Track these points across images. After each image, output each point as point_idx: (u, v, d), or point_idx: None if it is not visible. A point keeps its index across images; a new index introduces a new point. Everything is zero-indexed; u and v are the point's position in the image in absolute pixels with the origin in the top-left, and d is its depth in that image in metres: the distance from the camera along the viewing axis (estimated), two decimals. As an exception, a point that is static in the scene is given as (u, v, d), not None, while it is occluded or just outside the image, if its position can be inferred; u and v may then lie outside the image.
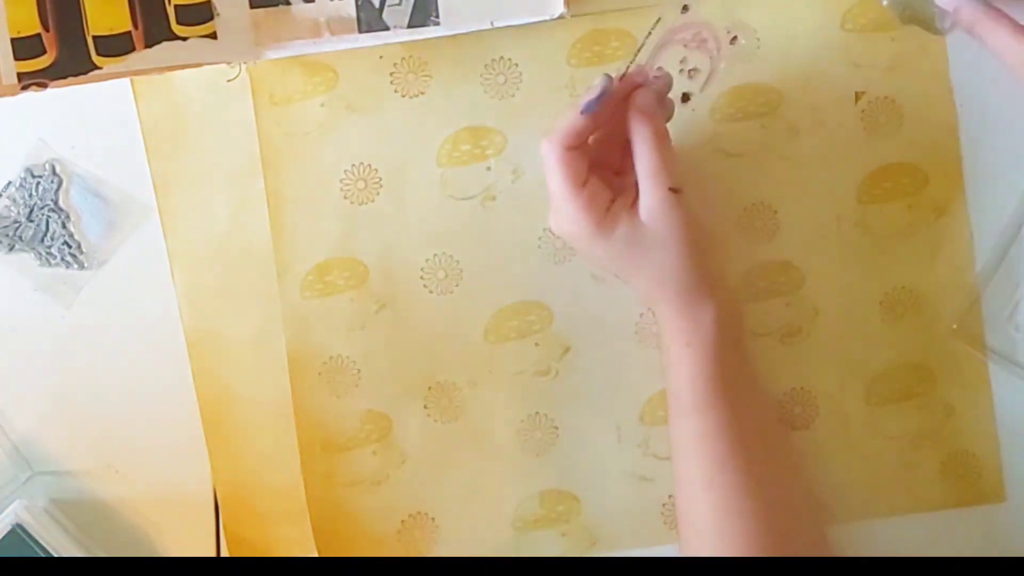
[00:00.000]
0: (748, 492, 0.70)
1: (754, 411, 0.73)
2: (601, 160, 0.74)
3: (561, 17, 0.78)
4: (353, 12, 0.78)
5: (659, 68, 0.77)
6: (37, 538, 0.78)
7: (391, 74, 0.81)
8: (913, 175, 0.80)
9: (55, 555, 0.78)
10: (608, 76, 0.71)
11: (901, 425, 0.81)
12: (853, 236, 0.81)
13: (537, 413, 0.82)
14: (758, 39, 0.80)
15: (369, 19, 0.78)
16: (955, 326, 0.80)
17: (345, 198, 0.81)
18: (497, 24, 0.78)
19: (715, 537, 0.70)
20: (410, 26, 0.78)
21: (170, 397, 0.81)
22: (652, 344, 0.81)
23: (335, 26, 0.78)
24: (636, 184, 0.72)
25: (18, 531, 0.78)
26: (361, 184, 0.81)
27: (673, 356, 0.72)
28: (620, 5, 0.80)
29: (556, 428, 0.82)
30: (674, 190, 0.70)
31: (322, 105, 0.81)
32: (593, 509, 0.82)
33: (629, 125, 0.72)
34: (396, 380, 0.81)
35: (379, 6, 0.78)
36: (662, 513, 0.82)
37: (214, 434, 0.82)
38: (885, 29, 0.80)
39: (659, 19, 0.75)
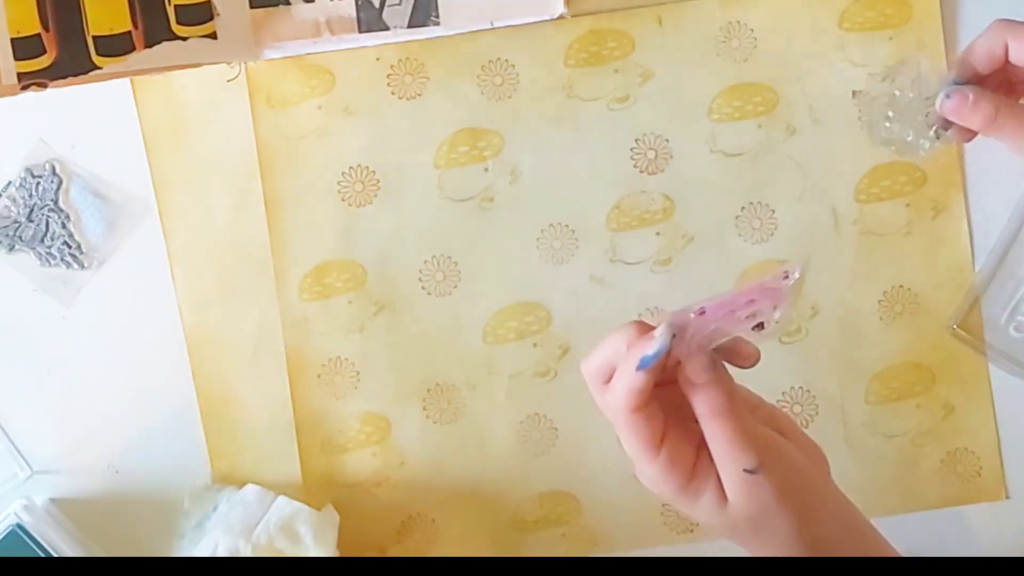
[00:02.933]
0: None
1: None
2: (678, 400, 0.60)
3: (561, 17, 0.78)
4: (353, 12, 0.78)
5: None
6: (37, 538, 0.78)
7: (388, 76, 0.81)
8: (911, 174, 0.80)
9: (55, 555, 0.78)
10: (671, 326, 0.57)
11: (901, 424, 0.81)
12: (851, 235, 0.81)
13: (536, 414, 0.82)
14: (755, 39, 0.80)
15: (369, 19, 0.78)
16: (955, 326, 0.80)
17: (343, 200, 0.81)
18: (497, 24, 0.78)
19: None
20: (410, 26, 0.78)
21: (170, 397, 0.82)
22: (651, 344, 0.81)
23: (335, 26, 0.78)
24: None
25: (18, 531, 0.78)
26: (359, 186, 0.81)
27: None
28: (617, 5, 0.80)
29: (555, 429, 0.82)
30: (750, 471, 0.58)
31: (319, 108, 0.81)
32: (593, 510, 0.82)
33: (689, 398, 0.59)
34: (395, 382, 0.81)
35: (379, 6, 0.78)
36: (662, 514, 0.82)
37: (214, 434, 0.82)
38: (882, 28, 0.80)
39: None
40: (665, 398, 0.59)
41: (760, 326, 0.56)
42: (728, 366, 0.60)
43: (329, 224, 0.81)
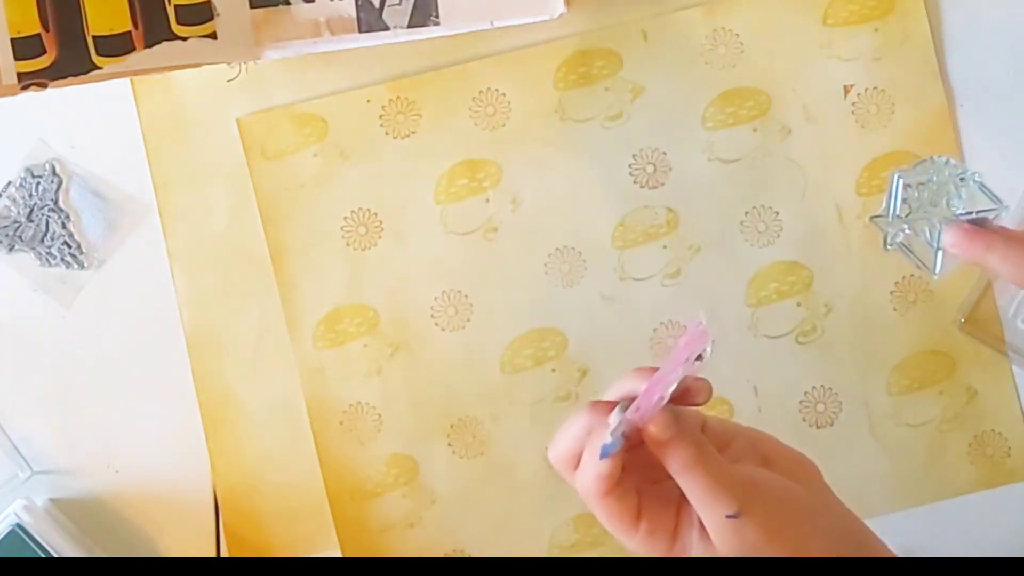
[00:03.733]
0: None
1: None
2: (650, 459, 0.59)
3: (562, 16, 0.76)
4: (353, 12, 0.77)
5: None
6: (37, 538, 0.78)
7: (380, 117, 0.81)
8: (910, 163, 0.80)
9: (55, 555, 0.77)
10: (622, 409, 0.57)
11: (925, 412, 0.81)
12: (857, 229, 0.81)
13: (562, 439, 0.81)
14: (741, 43, 0.80)
15: (369, 19, 0.78)
16: (962, 320, 0.80)
17: (348, 245, 0.81)
18: (497, 24, 0.77)
19: None
20: (410, 26, 0.77)
21: (170, 397, 0.81)
22: (669, 358, 0.81)
23: (335, 26, 0.78)
24: None
25: (18, 531, 0.78)
26: (362, 229, 0.81)
27: None
28: (601, 23, 0.80)
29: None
30: (733, 516, 0.57)
31: (315, 155, 0.81)
32: (627, 529, 0.81)
33: (657, 455, 0.58)
34: (418, 421, 0.81)
35: (379, 6, 0.77)
36: (696, 525, 0.81)
37: (214, 434, 0.82)
38: (867, 20, 0.80)
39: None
40: (635, 460, 0.59)
41: (699, 357, 0.56)
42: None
43: (337, 270, 0.81)
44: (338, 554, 0.82)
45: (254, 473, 0.82)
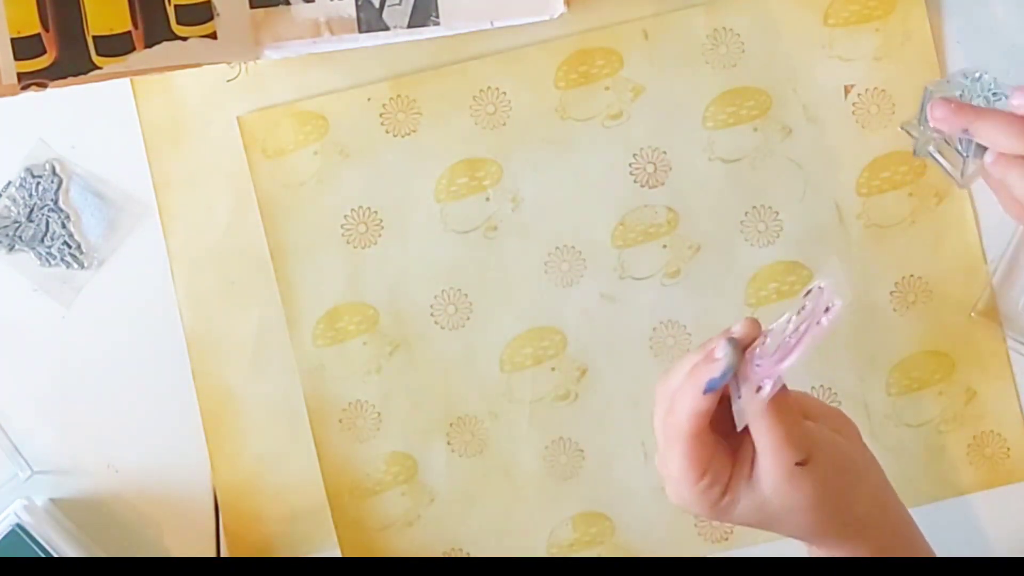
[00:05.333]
0: None
1: None
2: (715, 415, 0.60)
3: (562, 16, 0.77)
4: (353, 12, 0.77)
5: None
6: (37, 538, 0.78)
7: (380, 115, 0.81)
8: (911, 163, 0.80)
9: (55, 555, 0.78)
10: (731, 342, 0.58)
11: (924, 412, 0.81)
12: (857, 229, 0.81)
13: (561, 438, 0.82)
14: (742, 43, 0.80)
15: (369, 19, 0.78)
16: (973, 313, 0.80)
17: (348, 243, 0.81)
18: (497, 24, 0.77)
19: None
20: (410, 26, 0.77)
21: (170, 397, 0.81)
22: (668, 356, 0.81)
23: (335, 26, 0.78)
24: (754, 447, 0.60)
25: (18, 531, 0.78)
26: (362, 227, 0.81)
27: None
28: (602, 22, 0.80)
29: (581, 451, 0.82)
30: (802, 463, 0.59)
31: (315, 153, 0.81)
32: (626, 528, 0.81)
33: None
34: (417, 419, 0.81)
35: (379, 6, 0.77)
36: (696, 524, 0.81)
37: (214, 434, 0.82)
38: (868, 20, 0.80)
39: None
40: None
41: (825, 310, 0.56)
42: None
43: (336, 268, 0.81)
44: (338, 554, 0.82)
45: (254, 473, 0.82)
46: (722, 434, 0.60)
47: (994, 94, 0.68)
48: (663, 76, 0.81)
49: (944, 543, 0.81)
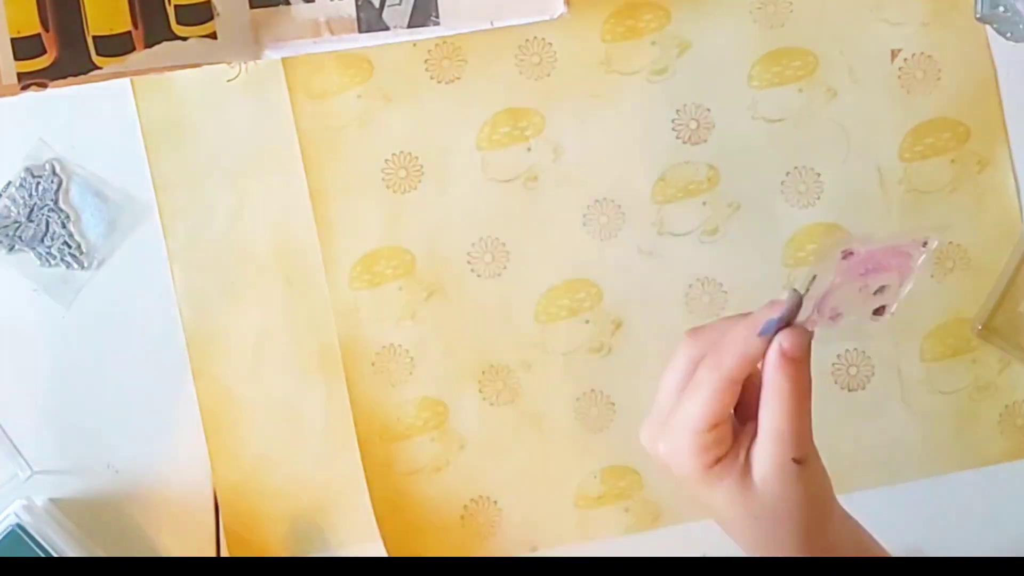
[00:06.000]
0: None
1: None
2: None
3: (561, 16, 0.77)
4: (353, 12, 0.78)
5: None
6: (37, 538, 0.78)
7: (426, 61, 0.80)
8: (954, 130, 0.80)
9: (55, 555, 0.77)
10: (796, 290, 0.57)
11: (958, 380, 0.81)
12: (897, 194, 0.81)
13: (592, 390, 0.82)
14: (791, 3, 0.80)
15: (369, 19, 0.78)
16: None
17: (387, 188, 0.81)
18: (497, 24, 0.77)
19: None
20: (410, 26, 0.78)
21: (170, 397, 0.81)
22: (703, 313, 0.81)
23: (335, 26, 0.78)
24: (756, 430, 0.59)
25: (18, 531, 0.78)
26: (403, 172, 0.81)
27: None
28: (649, -21, 0.80)
29: (612, 404, 0.82)
30: (798, 461, 0.58)
31: (359, 96, 0.81)
32: (655, 483, 0.81)
33: (766, 368, 0.58)
34: (450, 366, 0.81)
35: (379, 6, 0.78)
36: (723, 483, 0.81)
37: (214, 434, 0.81)
38: (918, -16, 0.80)
39: (814, 276, 0.58)
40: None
41: (881, 310, 0.56)
42: None
43: (375, 212, 0.81)
44: (337, 554, 0.82)
45: (254, 473, 0.82)
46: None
47: None
48: (710, 33, 0.80)
49: (971, 513, 0.82)
